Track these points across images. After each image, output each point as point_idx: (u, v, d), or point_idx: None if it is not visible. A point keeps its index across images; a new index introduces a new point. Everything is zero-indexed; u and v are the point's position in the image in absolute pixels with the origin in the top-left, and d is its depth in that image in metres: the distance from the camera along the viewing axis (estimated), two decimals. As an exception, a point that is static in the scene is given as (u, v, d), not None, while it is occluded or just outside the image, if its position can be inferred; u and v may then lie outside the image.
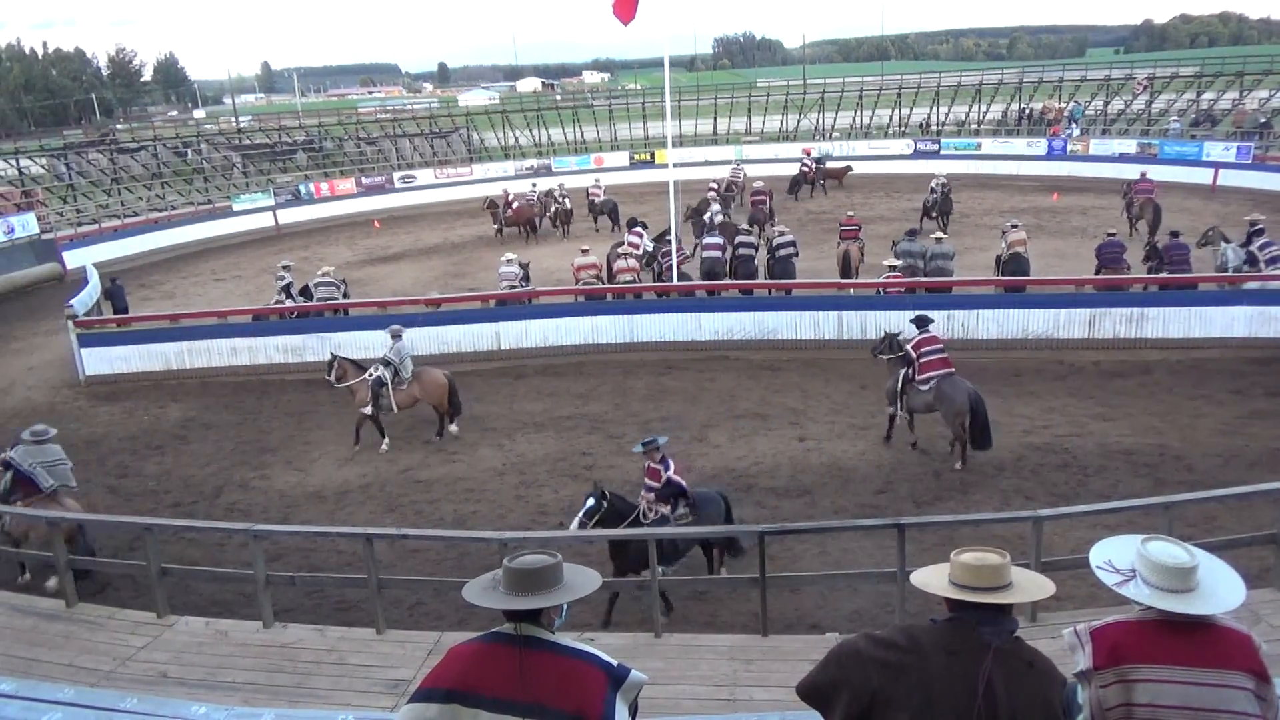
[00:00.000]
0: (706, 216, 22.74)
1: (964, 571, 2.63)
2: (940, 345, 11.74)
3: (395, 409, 12.83)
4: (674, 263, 17.62)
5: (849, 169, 35.07)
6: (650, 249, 19.61)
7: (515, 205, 27.64)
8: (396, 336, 13.15)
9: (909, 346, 11.77)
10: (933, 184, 25.56)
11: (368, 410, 12.73)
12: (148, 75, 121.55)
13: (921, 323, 11.91)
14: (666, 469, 8.56)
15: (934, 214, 25.02)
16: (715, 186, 28.19)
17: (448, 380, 13.04)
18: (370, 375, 12.75)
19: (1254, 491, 7.36)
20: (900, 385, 11.66)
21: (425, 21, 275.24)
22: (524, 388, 15.08)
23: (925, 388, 11.41)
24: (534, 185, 31.56)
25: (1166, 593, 2.62)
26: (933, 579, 2.74)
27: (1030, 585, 2.71)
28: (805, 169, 33.49)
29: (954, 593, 2.62)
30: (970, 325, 15.41)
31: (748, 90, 49.52)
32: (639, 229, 20.60)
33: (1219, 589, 2.64)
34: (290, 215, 34.02)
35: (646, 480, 8.68)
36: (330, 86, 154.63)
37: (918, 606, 6.44)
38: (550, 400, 14.39)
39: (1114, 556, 2.77)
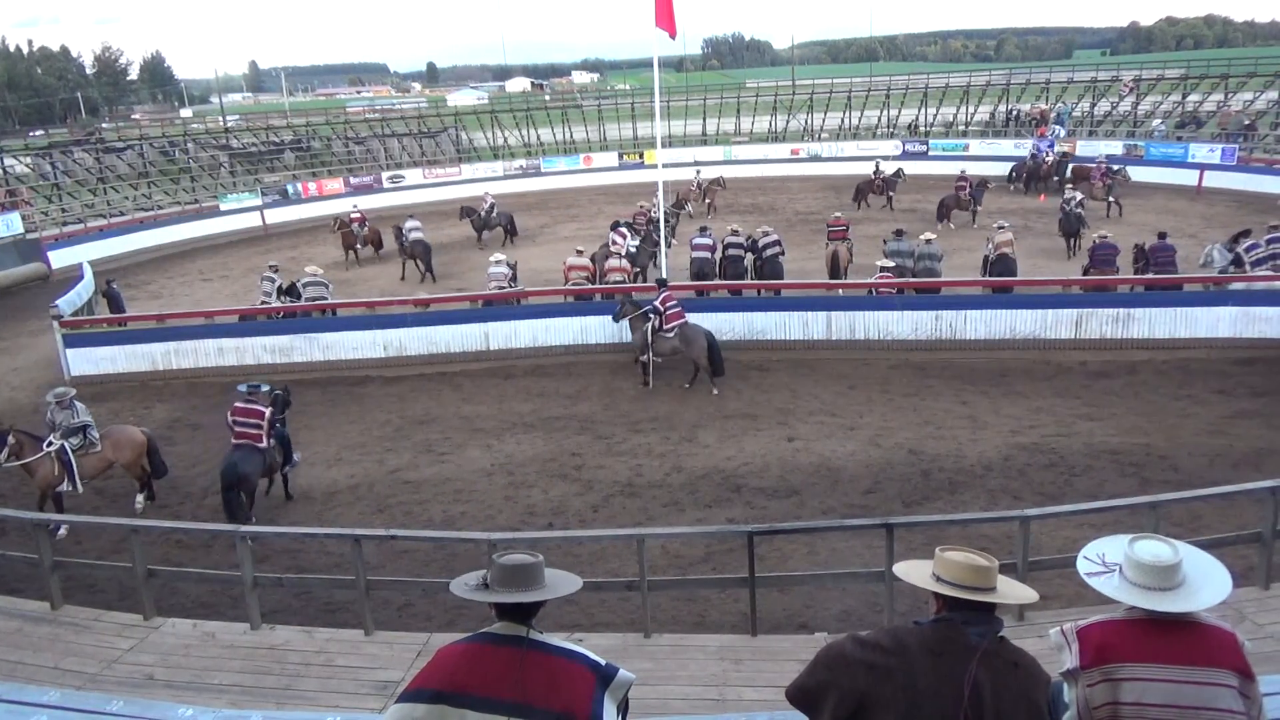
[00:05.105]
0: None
1: (955, 569, 2.63)
2: (677, 301, 14.47)
3: (80, 487, 10.86)
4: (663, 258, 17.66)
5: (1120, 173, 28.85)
6: (633, 250, 19.61)
7: (369, 223, 25.96)
8: (65, 404, 10.97)
9: (656, 303, 14.31)
10: (1063, 202, 22.24)
11: (65, 487, 10.76)
12: (134, 74, 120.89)
13: (662, 284, 14.97)
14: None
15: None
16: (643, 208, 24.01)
17: (146, 438, 11.34)
18: (51, 449, 10.68)
19: (1239, 491, 7.42)
20: (650, 336, 14.28)
21: (414, 21, 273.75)
22: (513, 388, 15.06)
23: (671, 334, 14.21)
24: (698, 170, 32.06)
25: (1145, 590, 2.64)
26: (915, 572, 2.76)
27: (1014, 589, 2.75)
28: (1038, 159, 31.75)
29: (947, 590, 2.63)
30: (958, 325, 15.47)
31: (736, 91, 49.59)
32: (623, 229, 20.63)
33: (1203, 588, 2.66)
34: (278, 215, 33.85)
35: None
36: (318, 86, 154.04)
37: (906, 606, 6.48)
38: (539, 401, 14.37)
39: (1107, 552, 2.80)
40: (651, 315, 14.45)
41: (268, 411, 10.73)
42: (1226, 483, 8.50)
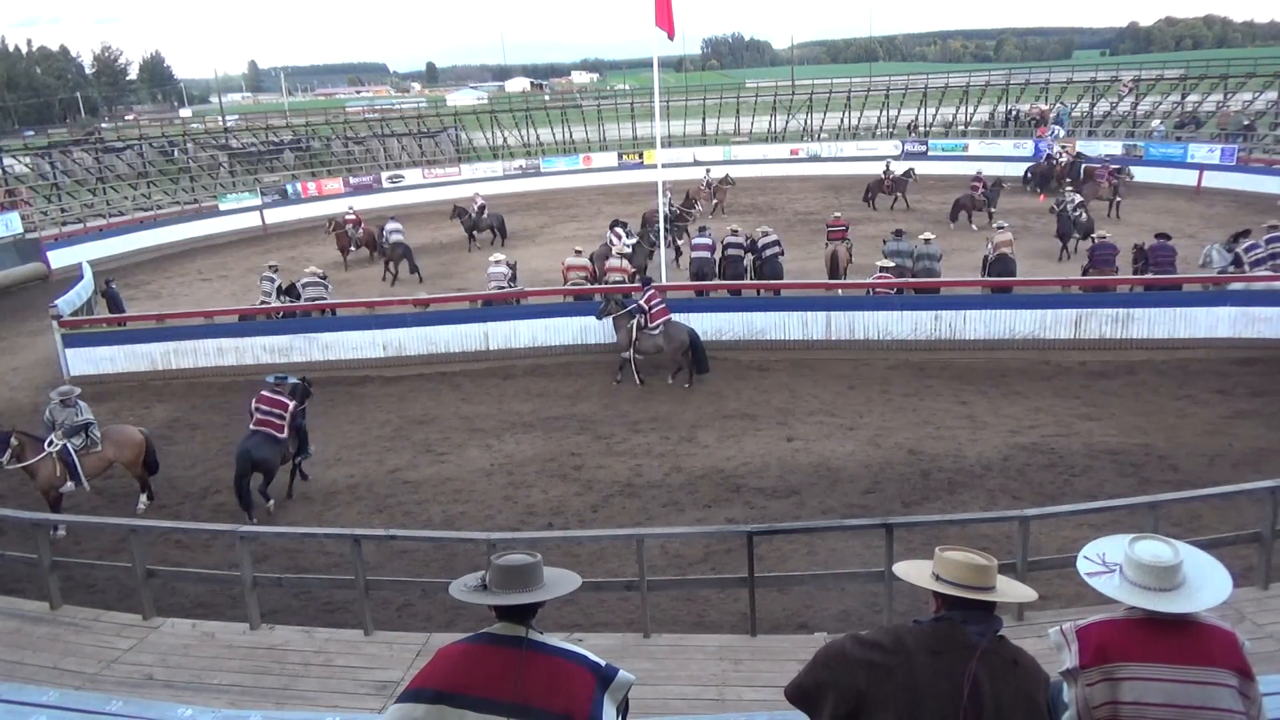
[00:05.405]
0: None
1: (955, 569, 2.64)
2: (662, 299, 14.66)
3: (87, 485, 10.87)
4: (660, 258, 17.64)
5: (1124, 172, 27.45)
6: (628, 249, 19.59)
7: (364, 225, 25.63)
8: (69, 403, 10.91)
9: (641, 301, 14.49)
10: (1055, 203, 22.51)
11: (68, 487, 10.73)
12: (133, 74, 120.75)
13: (646, 282, 15.30)
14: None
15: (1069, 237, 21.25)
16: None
17: (144, 436, 11.37)
18: (53, 449, 10.62)
19: (1238, 491, 7.42)
20: (635, 334, 14.47)
21: (413, 21, 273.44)
22: (512, 388, 15.06)
23: (656, 331, 14.38)
24: (708, 170, 32.01)
25: (1145, 590, 2.64)
26: (914, 572, 2.76)
27: (1013, 589, 2.75)
28: (1053, 160, 30.44)
29: (946, 589, 2.64)
30: (957, 325, 15.47)
31: (736, 91, 49.58)
32: (618, 229, 20.67)
33: (1203, 588, 2.66)
34: (277, 215, 33.85)
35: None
36: (318, 86, 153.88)
37: (906, 606, 6.48)
38: (539, 400, 14.37)
39: (1107, 552, 2.80)
40: (637, 314, 14.59)
41: (291, 404, 11.26)
42: (1226, 483, 8.51)
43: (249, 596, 7.11)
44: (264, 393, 11.25)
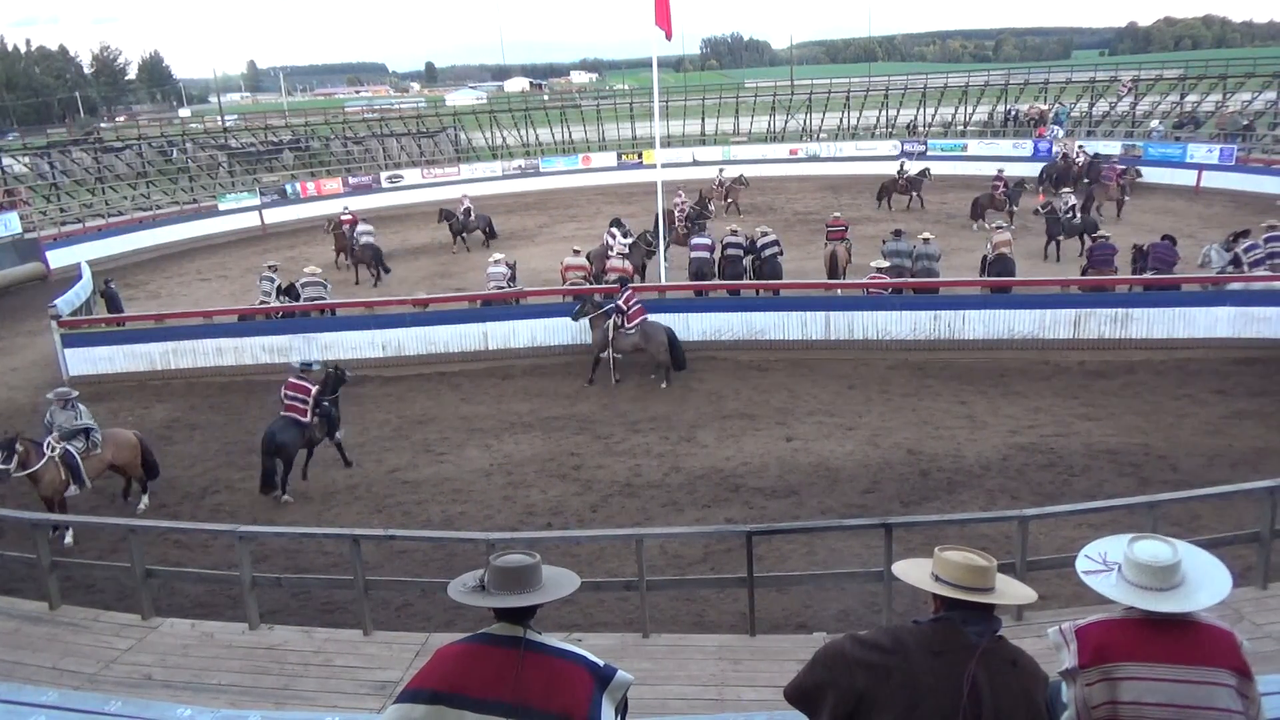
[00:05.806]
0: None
1: (954, 569, 2.63)
2: (638, 300, 14.92)
3: (89, 483, 10.78)
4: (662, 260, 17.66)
5: (1130, 172, 28.32)
6: (625, 248, 19.57)
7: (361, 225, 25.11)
8: (67, 405, 10.87)
9: (619, 302, 14.68)
10: (1045, 203, 22.41)
11: (73, 491, 10.62)
12: (132, 74, 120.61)
13: (623, 284, 15.45)
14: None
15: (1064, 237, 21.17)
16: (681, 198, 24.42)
17: (138, 439, 11.38)
18: (55, 453, 10.52)
19: (1237, 491, 7.43)
20: (611, 334, 14.71)
21: (412, 21, 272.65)
22: (511, 388, 15.06)
23: (633, 331, 14.58)
24: (721, 170, 32.12)
25: (1143, 590, 2.64)
26: (913, 572, 2.76)
27: (1013, 589, 2.75)
28: (1069, 160, 30.88)
29: (945, 590, 2.63)
30: (956, 325, 15.48)
31: (735, 91, 49.57)
32: (614, 229, 20.69)
33: (1202, 588, 2.66)
34: (276, 215, 33.83)
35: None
36: (317, 86, 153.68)
37: (905, 606, 6.48)
38: (538, 400, 14.38)
39: (1108, 551, 2.80)
40: (614, 314, 14.75)
41: (314, 389, 11.74)
42: (1225, 482, 8.51)
43: (248, 596, 7.11)
44: (290, 379, 11.75)
